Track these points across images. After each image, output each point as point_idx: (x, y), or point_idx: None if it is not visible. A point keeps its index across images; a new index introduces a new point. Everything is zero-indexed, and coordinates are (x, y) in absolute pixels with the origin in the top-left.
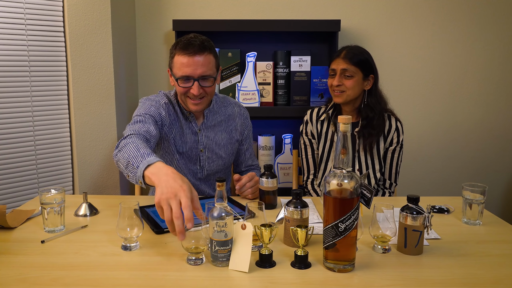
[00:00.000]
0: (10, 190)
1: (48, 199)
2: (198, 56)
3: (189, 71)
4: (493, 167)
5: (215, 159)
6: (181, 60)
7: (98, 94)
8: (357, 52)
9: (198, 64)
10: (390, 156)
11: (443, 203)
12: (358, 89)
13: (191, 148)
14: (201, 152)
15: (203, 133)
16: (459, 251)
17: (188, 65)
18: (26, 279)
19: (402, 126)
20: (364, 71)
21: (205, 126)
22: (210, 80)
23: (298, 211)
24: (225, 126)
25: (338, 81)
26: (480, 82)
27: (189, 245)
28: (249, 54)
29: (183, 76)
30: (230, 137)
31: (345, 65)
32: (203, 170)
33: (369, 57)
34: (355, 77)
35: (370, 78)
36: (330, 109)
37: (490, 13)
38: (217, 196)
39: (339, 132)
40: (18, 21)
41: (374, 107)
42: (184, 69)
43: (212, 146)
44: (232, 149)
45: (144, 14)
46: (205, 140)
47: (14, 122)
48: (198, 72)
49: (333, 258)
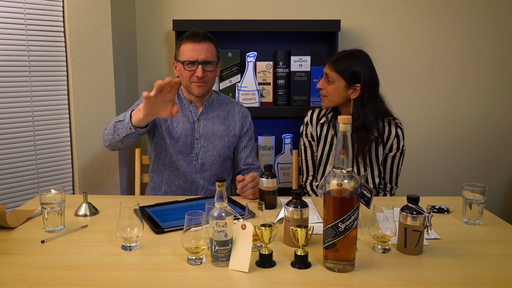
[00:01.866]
0: (10, 190)
1: (48, 199)
2: (203, 43)
3: (195, 56)
4: (493, 167)
5: (210, 149)
6: (188, 46)
7: (98, 94)
8: (344, 61)
9: (203, 50)
10: (390, 161)
11: (443, 203)
12: (339, 96)
13: (186, 134)
14: (196, 140)
15: (201, 123)
16: (459, 251)
17: (194, 51)
18: (26, 279)
19: (403, 132)
20: (347, 80)
21: (203, 117)
22: (213, 65)
23: (298, 211)
24: (224, 119)
25: (321, 85)
26: (480, 82)
27: (189, 245)
28: (249, 54)
29: (189, 60)
30: (227, 130)
31: (328, 70)
32: (198, 158)
33: (359, 67)
34: (335, 84)
35: (356, 88)
36: (329, 112)
37: (490, 13)
38: (217, 196)
39: (339, 132)
40: (18, 21)
41: (357, 119)
42: (190, 53)
43: (208, 136)
44: (229, 141)
45: (144, 14)
46: (202, 130)
47: (14, 122)
48: (202, 56)
49: (333, 258)
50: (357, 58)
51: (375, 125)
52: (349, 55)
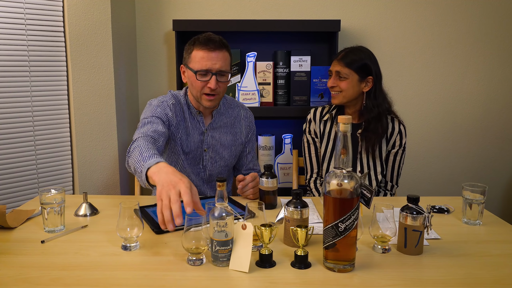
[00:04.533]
0: (10, 190)
1: (48, 199)
2: (218, 51)
3: (209, 65)
4: (493, 167)
5: (217, 160)
6: (201, 54)
7: (98, 94)
8: (353, 55)
9: (218, 59)
10: (392, 158)
11: (443, 203)
12: (354, 90)
13: (196, 147)
14: (204, 152)
15: (209, 133)
16: (459, 251)
17: (209, 59)
18: (26, 279)
19: (406, 129)
20: (359, 73)
21: (211, 127)
22: (226, 76)
23: (298, 211)
24: (231, 128)
25: (332, 83)
26: (480, 82)
27: (190, 245)
28: (249, 54)
29: (202, 70)
30: (234, 139)
31: (339, 68)
32: (206, 170)
33: (368, 60)
34: (349, 79)
35: (369, 80)
36: (333, 109)
37: (490, 13)
38: (217, 196)
39: (339, 132)
40: (18, 21)
41: (372, 109)
42: (204, 62)
43: (216, 147)
44: (236, 151)
45: (144, 14)
46: (210, 140)
47: (14, 122)
48: (217, 66)
49: (333, 258)
50: (364, 52)
51: (386, 115)
52: (356, 50)
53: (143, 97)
